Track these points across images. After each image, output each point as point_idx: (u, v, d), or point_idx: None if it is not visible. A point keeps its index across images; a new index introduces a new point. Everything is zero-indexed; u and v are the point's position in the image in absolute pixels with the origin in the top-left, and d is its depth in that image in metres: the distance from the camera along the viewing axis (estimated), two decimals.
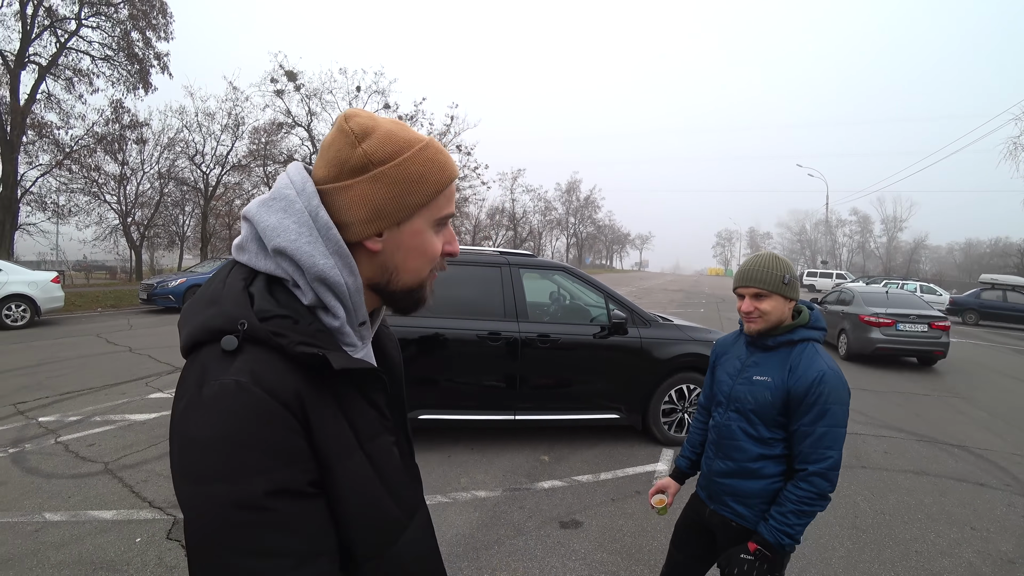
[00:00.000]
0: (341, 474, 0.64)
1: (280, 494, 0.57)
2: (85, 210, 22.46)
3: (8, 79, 18.10)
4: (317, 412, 0.62)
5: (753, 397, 1.59)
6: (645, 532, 3.21)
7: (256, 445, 0.56)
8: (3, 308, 10.25)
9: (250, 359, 0.60)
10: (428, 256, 0.74)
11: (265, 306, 0.64)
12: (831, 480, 1.47)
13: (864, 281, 35.06)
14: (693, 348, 4.66)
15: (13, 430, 4.63)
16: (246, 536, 0.55)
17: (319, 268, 0.66)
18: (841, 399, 1.49)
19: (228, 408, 0.57)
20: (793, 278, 1.59)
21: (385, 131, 0.68)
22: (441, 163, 0.71)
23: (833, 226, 71.44)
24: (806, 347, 1.57)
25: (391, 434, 0.75)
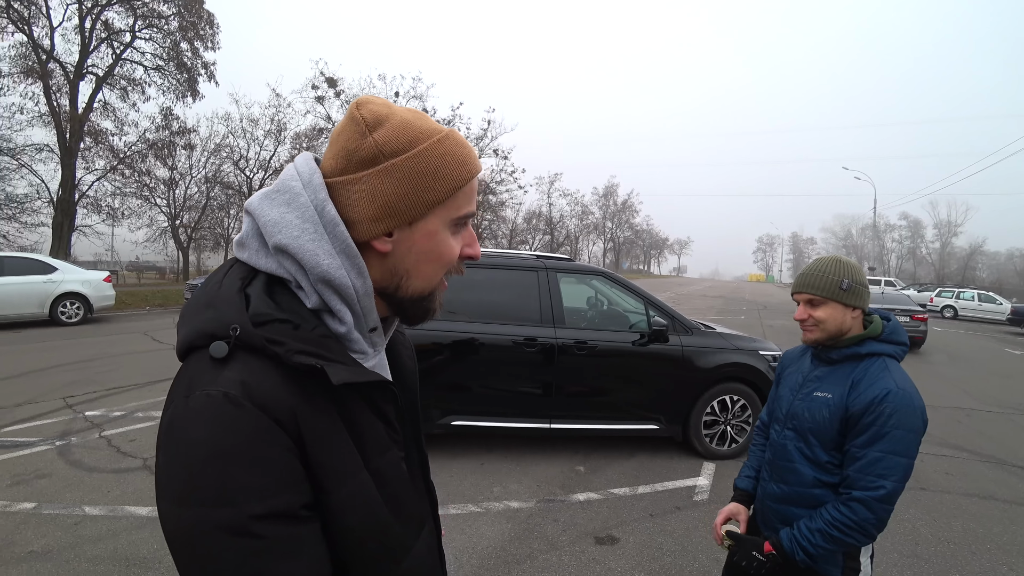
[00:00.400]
0: (342, 496, 0.58)
1: (270, 519, 0.51)
2: (137, 213, 23.64)
3: (68, 89, 19.19)
4: (314, 429, 0.56)
5: (811, 415, 1.43)
6: (686, 551, 3.03)
7: (245, 465, 0.51)
8: (59, 305, 10.79)
9: (242, 368, 0.54)
10: (443, 260, 0.66)
11: (262, 309, 0.58)
12: (876, 513, 1.27)
13: (916, 288, 33.41)
14: (737, 357, 4.44)
15: (61, 423, 4.80)
16: (232, 564, 0.50)
17: (323, 268, 0.59)
18: (907, 424, 1.28)
19: (214, 423, 0.51)
20: (856, 284, 1.41)
21: (400, 120, 0.62)
22: (461, 157, 0.64)
23: (881, 231, 68.63)
24: (875, 362, 1.39)
25: (400, 448, 0.69)
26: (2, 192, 18.16)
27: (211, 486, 0.50)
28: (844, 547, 1.33)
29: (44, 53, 18.53)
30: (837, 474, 1.39)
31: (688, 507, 3.59)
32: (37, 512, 3.19)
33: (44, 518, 3.12)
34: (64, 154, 19.02)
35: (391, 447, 0.66)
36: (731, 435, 4.45)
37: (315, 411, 0.57)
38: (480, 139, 28.75)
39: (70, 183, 19.28)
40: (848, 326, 1.44)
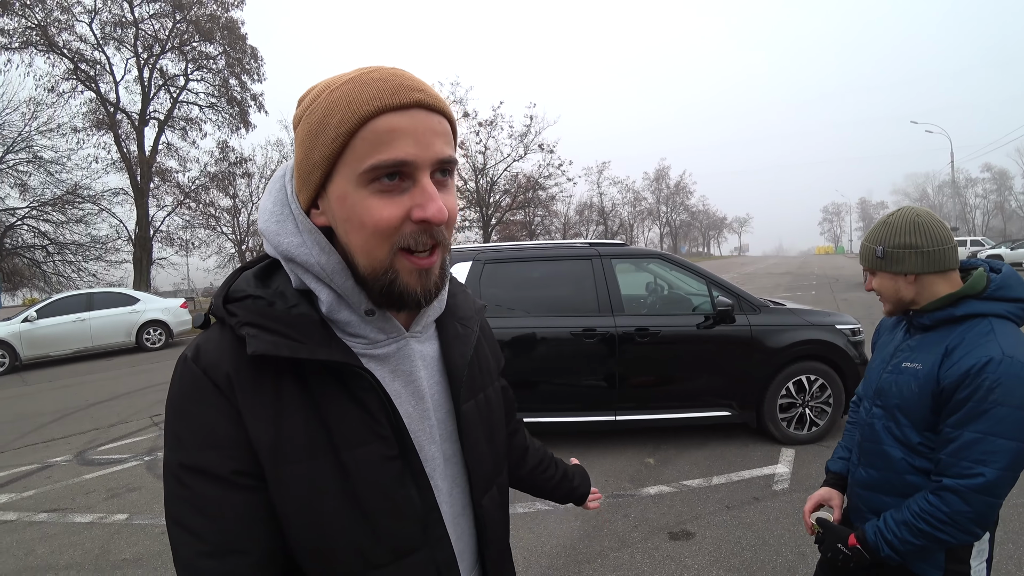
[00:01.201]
0: (287, 477, 0.55)
1: (196, 472, 0.54)
2: (206, 242, 25.20)
3: (135, 135, 20.84)
4: (256, 400, 0.55)
5: (898, 389, 1.23)
6: (767, 545, 2.81)
7: (180, 417, 0.56)
8: (144, 332, 11.68)
9: (207, 335, 0.60)
10: (368, 226, 0.54)
11: (241, 286, 0.61)
12: (973, 506, 1.06)
13: (1008, 247, 30.40)
14: (812, 334, 4.11)
15: (149, 440, 5.13)
16: (170, 502, 0.56)
17: (284, 247, 0.59)
18: (1015, 398, 1.05)
19: (174, 378, 0.58)
20: (896, 248, 1.20)
21: (317, 86, 0.59)
22: (350, 97, 0.53)
23: (961, 187, 63.09)
24: (977, 324, 1.15)
25: (386, 446, 0.59)
26: (87, 235, 19.84)
27: (167, 429, 0.57)
28: (936, 544, 1.12)
29: (111, 105, 20.19)
30: (931, 459, 1.18)
31: (767, 497, 3.35)
32: (129, 523, 3.40)
33: (135, 528, 3.32)
34: (137, 195, 20.62)
35: (371, 442, 0.58)
36: (810, 418, 4.13)
37: (256, 382, 0.56)
38: (524, 135, 28.73)
39: (144, 221, 20.86)
40: (908, 295, 1.23)
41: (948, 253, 1.20)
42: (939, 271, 1.20)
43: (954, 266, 1.21)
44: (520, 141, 28.90)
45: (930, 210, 1.26)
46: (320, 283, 0.59)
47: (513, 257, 4.31)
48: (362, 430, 0.58)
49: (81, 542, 3.18)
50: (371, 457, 0.58)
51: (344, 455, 0.57)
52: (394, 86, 0.54)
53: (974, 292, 1.18)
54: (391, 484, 0.59)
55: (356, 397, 0.58)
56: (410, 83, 0.55)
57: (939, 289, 1.21)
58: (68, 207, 19.02)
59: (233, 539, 0.54)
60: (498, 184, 30.09)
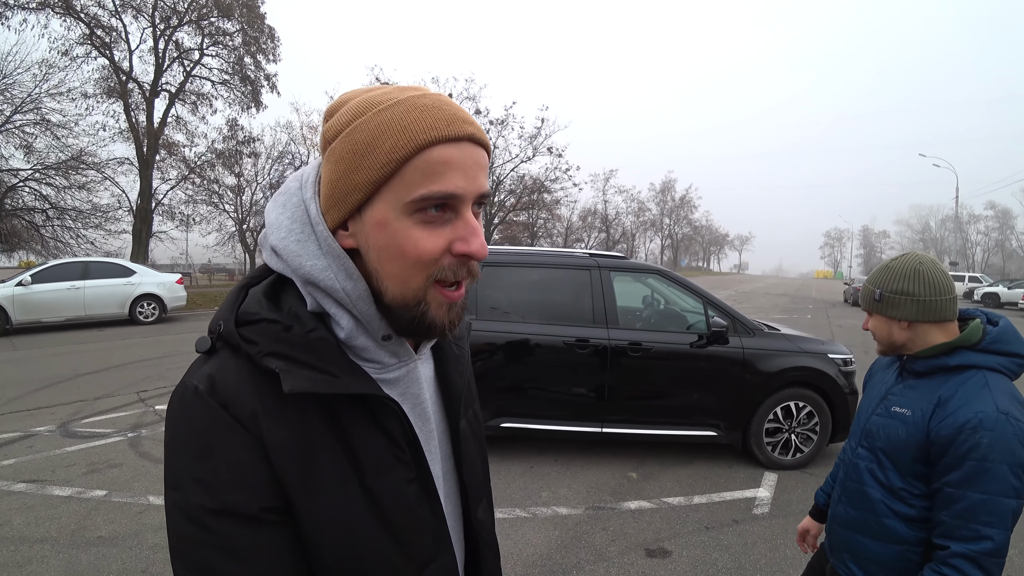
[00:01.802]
0: (321, 508, 0.54)
1: (223, 514, 0.50)
2: (207, 218, 25.20)
3: (145, 106, 20.79)
4: (283, 435, 0.53)
5: (883, 433, 1.23)
6: (743, 569, 2.81)
7: (201, 457, 0.51)
8: (137, 306, 11.63)
9: (217, 365, 0.54)
10: (409, 256, 0.53)
11: (253, 308, 0.56)
12: (988, 570, 1.04)
13: (1005, 285, 30.49)
14: (804, 361, 4.12)
15: (134, 416, 5.11)
16: (190, 550, 0.51)
17: (306, 269, 0.56)
18: (1012, 457, 1.04)
19: (180, 412, 0.53)
20: (893, 293, 1.20)
21: (356, 100, 0.55)
22: (405, 123, 0.51)
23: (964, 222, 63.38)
24: (972, 376, 1.14)
25: (409, 470, 0.60)
26: (89, 203, 19.74)
27: (174, 470, 0.52)
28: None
29: (124, 74, 20.12)
30: (914, 505, 1.18)
31: (747, 520, 3.35)
32: (107, 499, 3.38)
33: (113, 505, 3.30)
34: (142, 166, 20.57)
35: (395, 467, 0.59)
36: (796, 444, 4.14)
37: (286, 415, 0.53)
38: (534, 137, 28.74)
39: (147, 193, 20.81)
40: (900, 339, 1.23)
41: (945, 304, 1.19)
42: (934, 321, 1.20)
43: (951, 317, 1.20)
44: (529, 143, 28.95)
45: (935, 259, 1.25)
46: (341, 309, 0.57)
47: (512, 262, 4.30)
48: (386, 456, 0.58)
49: (58, 516, 3.16)
50: (396, 480, 0.58)
51: (370, 481, 0.56)
52: (448, 117, 0.53)
53: (969, 343, 1.17)
54: (412, 504, 0.60)
55: (380, 424, 0.58)
56: (462, 115, 0.54)
57: (933, 338, 1.21)
58: (72, 172, 18.91)
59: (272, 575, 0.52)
60: (504, 184, 30.08)
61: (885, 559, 1.22)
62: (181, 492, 0.51)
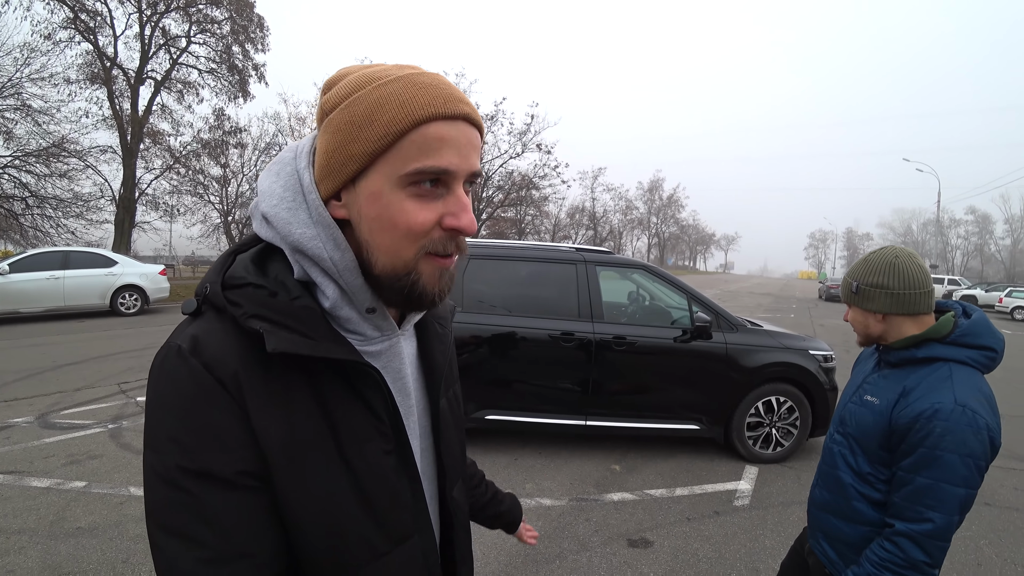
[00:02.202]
0: (296, 474, 0.54)
1: (198, 476, 0.51)
2: (192, 209, 24.76)
3: (129, 93, 20.36)
4: (263, 398, 0.53)
5: (854, 420, 1.29)
6: (723, 559, 2.87)
7: (180, 417, 0.51)
8: (119, 297, 11.44)
9: (202, 326, 0.55)
10: (400, 228, 0.55)
11: (239, 272, 0.57)
12: (928, 550, 1.09)
13: (983, 288, 31.18)
14: (785, 357, 4.19)
15: (115, 407, 5.04)
16: (165, 510, 0.51)
17: (295, 237, 0.57)
18: (965, 447, 1.08)
19: (163, 373, 0.53)
20: (869, 286, 1.24)
21: (355, 75, 0.56)
22: (405, 99, 0.53)
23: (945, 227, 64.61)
24: (938, 369, 1.18)
25: (388, 442, 0.61)
26: (70, 191, 19.31)
27: (152, 431, 0.52)
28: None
29: (108, 60, 19.64)
30: (880, 489, 1.23)
31: (727, 512, 3.41)
32: (87, 491, 3.34)
33: (93, 497, 3.26)
34: (126, 155, 20.15)
35: (373, 438, 0.60)
36: (776, 438, 4.21)
37: (268, 379, 0.54)
38: (523, 133, 28.67)
39: (131, 182, 20.40)
40: (876, 331, 1.27)
41: (919, 297, 1.22)
42: (908, 313, 1.23)
43: (925, 310, 1.23)
44: (519, 139, 28.85)
45: (913, 252, 1.28)
46: (327, 278, 0.58)
47: (499, 255, 4.31)
48: (365, 426, 0.59)
49: (36, 507, 3.12)
50: (373, 451, 0.59)
51: (348, 450, 0.57)
52: (446, 95, 0.54)
53: (938, 336, 1.20)
54: (389, 476, 0.61)
55: (360, 394, 0.59)
56: (458, 95, 0.56)
57: (907, 329, 1.24)
58: (53, 160, 18.47)
59: (239, 543, 0.52)
60: (492, 179, 30.02)
61: (853, 539, 1.26)
62: (158, 453, 0.51)
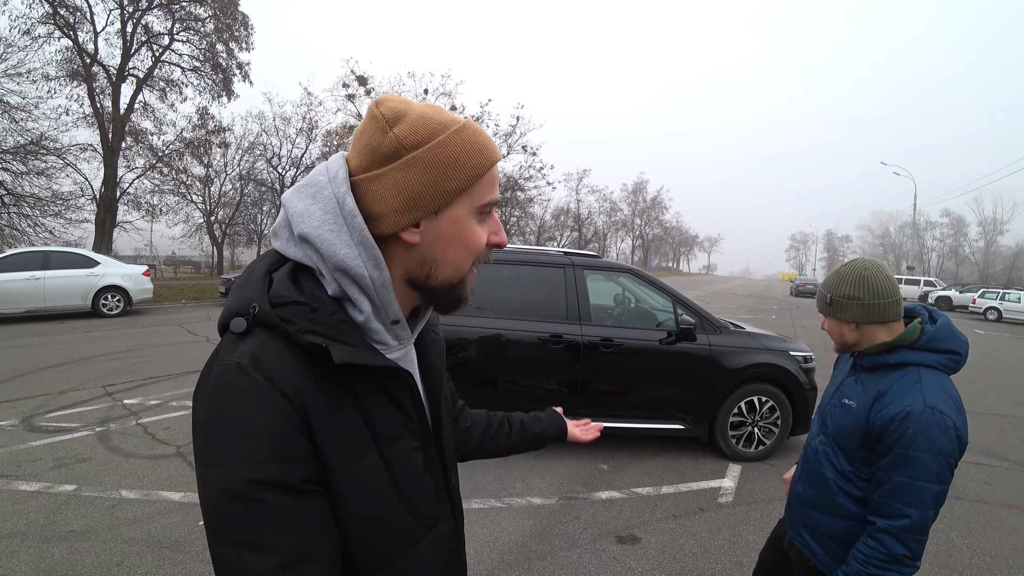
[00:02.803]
0: (348, 476, 0.61)
1: (269, 486, 0.54)
2: (174, 209, 24.41)
3: (111, 91, 19.99)
4: (320, 407, 0.59)
5: (834, 422, 1.39)
6: (709, 554, 2.97)
7: (247, 431, 0.55)
8: (101, 298, 11.27)
9: (256, 343, 0.59)
10: (471, 247, 0.68)
11: (282, 291, 0.62)
12: (907, 544, 1.18)
13: (957, 289, 32.02)
14: (766, 358, 4.32)
15: (101, 410, 5.00)
16: (233, 524, 0.54)
17: (339, 257, 0.62)
18: (936, 446, 1.17)
19: (224, 390, 0.56)
20: (841, 298, 1.34)
21: (418, 114, 0.64)
22: (480, 145, 0.65)
23: (921, 229, 66.17)
24: (908, 373, 1.28)
25: (416, 439, 0.70)
26: (49, 190, 18.97)
27: (213, 448, 0.55)
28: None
29: (88, 57, 19.32)
30: (860, 486, 1.32)
31: (712, 509, 3.53)
32: (77, 494, 3.33)
33: (83, 500, 3.26)
34: (107, 153, 19.82)
35: (404, 436, 0.68)
36: (758, 437, 4.34)
37: (322, 390, 0.59)
38: (509, 135, 28.74)
39: (112, 181, 20.06)
40: (851, 339, 1.37)
41: (888, 307, 1.31)
42: (879, 322, 1.32)
43: (895, 318, 1.32)
44: (504, 140, 28.90)
45: (881, 264, 1.37)
46: (363, 295, 0.64)
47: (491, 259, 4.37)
48: (398, 426, 0.67)
49: (26, 511, 3.11)
50: (404, 449, 0.68)
51: (386, 449, 0.65)
52: (492, 143, 0.68)
53: (906, 342, 1.30)
54: (419, 470, 0.70)
55: (392, 397, 0.67)
56: (494, 142, 0.69)
57: (879, 336, 1.34)
58: (31, 158, 18.14)
59: (308, 547, 0.56)
60: None
61: (836, 532, 1.36)
62: (223, 468, 0.54)
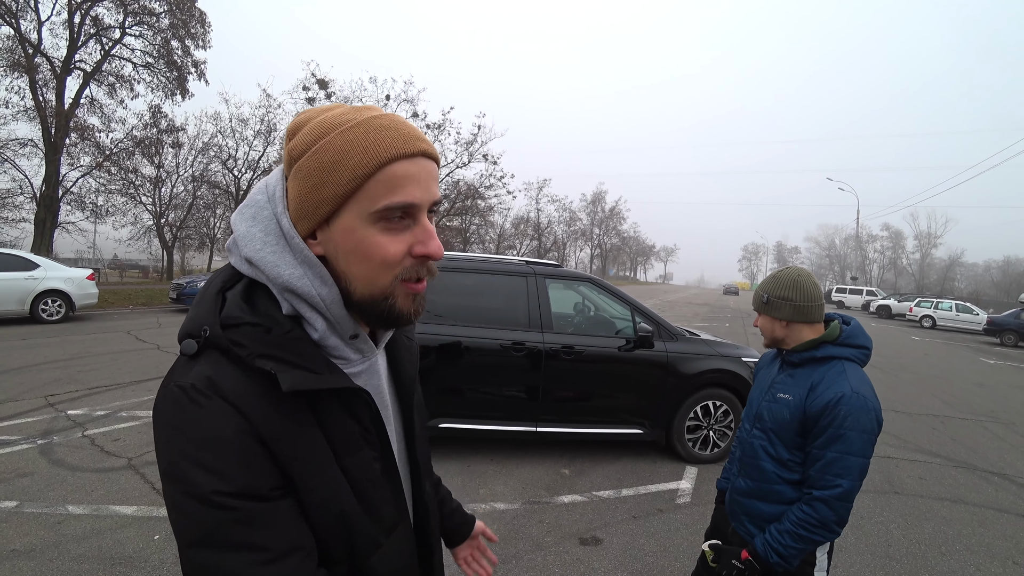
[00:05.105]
0: (311, 487, 0.62)
1: (240, 496, 0.56)
2: (122, 210, 23.29)
3: (55, 84, 18.93)
4: (276, 426, 0.59)
5: (771, 416, 1.54)
6: (667, 552, 3.10)
7: (208, 449, 0.55)
8: (40, 303, 10.61)
9: (209, 365, 0.59)
10: (375, 259, 0.61)
11: (234, 312, 0.62)
12: (836, 511, 1.37)
13: (896, 299, 34.02)
14: (720, 364, 4.53)
15: (43, 422, 4.74)
16: (213, 531, 0.55)
17: (284, 278, 0.62)
18: (862, 426, 1.37)
19: (182, 410, 0.57)
20: (777, 298, 1.54)
21: (318, 121, 0.62)
22: (367, 143, 0.59)
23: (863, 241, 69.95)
24: (833, 366, 1.48)
25: (375, 449, 0.70)
26: None
27: (178, 464, 0.56)
28: (812, 545, 1.41)
29: (31, 47, 18.25)
30: (797, 471, 1.49)
31: (670, 510, 3.67)
32: (19, 511, 3.16)
33: (26, 516, 3.09)
34: (49, 149, 18.73)
35: (363, 448, 0.68)
36: (713, 440, 4.54)
37: (279, 409, 0.59)
38: (470, 143, 28.81)
39: (54, 179, 18.98)
40: (780, 335, 1.56)
41: (816, 310, 1.53)
42: (807, 322, 1.53)
43: (819, 320, 1.54)
44: (466, 149, 28.95)
45: (810, 273, 1.59)
46: (315, 312, 0.64)
47: (450, 267, 4.40)
48: (357, 439, 0.67)
49: None
50: (363, 460, 0.68)
51: (345, 461, 0.65)
52: (404, 136, 0.60)
53: (830, 339, 1.51)
54: (379, 478, 0.70)
55: (352, 411, 0.67)
56: (416, 133, 0.62)
57: (805, 335, 1.54)
58: None
59: (291, 538, 0.58)
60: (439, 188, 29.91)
61: (774, 516, 1.51)
62: (191, 484, 0.55)
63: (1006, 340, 19.78)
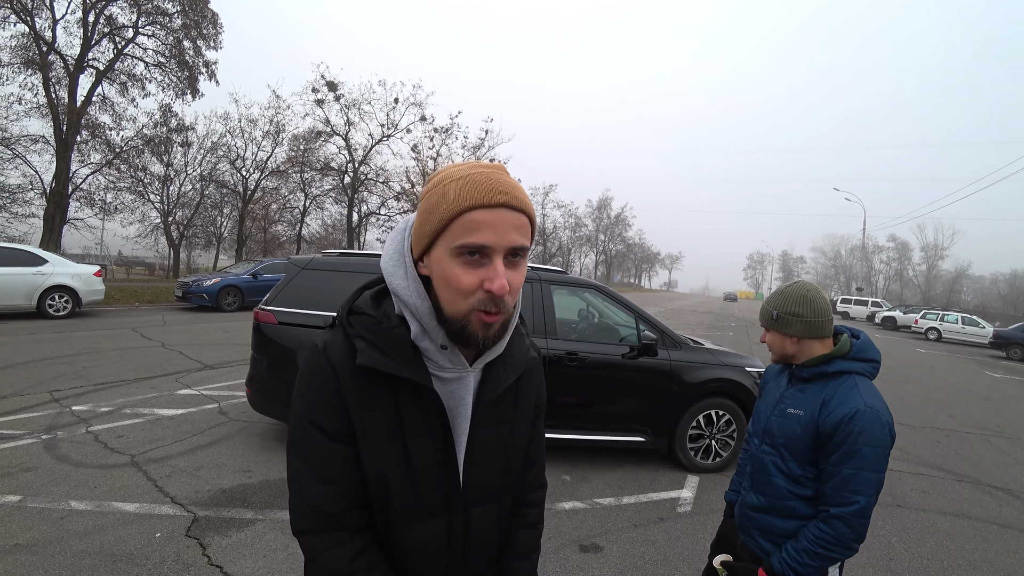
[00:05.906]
0: (364, 447, 0.82)
1: (314, 426, 0.81)
2: (130, 208, 23.44)
3: (67, 81, 19.12)
4: (353, 390, 0.80)
5: (784, 431, 1.52)
6: (668, 561, 3.09)
7: (311, 387, 0.82)
8: (47, 298, 10.69)
9: (334, 334, 0.85)
10: (453, 287, 0.76)
11: (360, 305, 0.86)
12: (854, 528, 1.35)
13: (901, 310, 33.83)
14: (724, 373, 4.51)
15: (47, 417, 4.77)
16: (297, 442, 0.83)
17: (395, 286, 0.83)
18: (876, 441, 1.35)
19: (307, 359, 0.84)
20: (786, 314, 1.52)
21: (442, 174, 0.79)
22: (456, 194, 0.74)
23: (869, 252, 69.66)
24: (845, 380, 1.46)
25: (436, 443, 0.84)
26: None
27: (296, 391, 0.84)
28: (830, 562, 1.40)
29: (45, 44, 18.44)
30: (810, 487, 1.47)
31: (671, 518, 3.65)
32: (22, 505, 3.18)
33: (29, 511, 3.11)
34: (60, 146, 18.89)
35: (427, 436, 0.84)
36: (715, 449, 4.52)
37: (361, 379, 0.81)
38: (478, 148, 28.91)
39: (64, 175, 19.13)
40: (791, 351, 1.54)
41: (826, 325, 1.51)
42: (817, 337, 1.51)
43: (829, 335, 1.52)
44: (473, 153, 29.08)
45: (819, 287, 1.57)
46: (412, 317, 0.82)
47: None
48: (423, 427, 0.83)
49: None
50: (425, 445, 0.84)
51: (408, 441, 0.83)
52: (488, 189, 0.74)
53: (841, 354, 1.49)
54: (433, 466, 0.85)
55: (423, 404, 0.83)
56: (501, 187, 0.74)
57: (815, 350, 1.52)
58: None
59: (332, 472, 0.82)
60: None
61: (787, 532, 1.50)
62: (296, 407, 0.83)
63: (1012, 354, 19.63)
